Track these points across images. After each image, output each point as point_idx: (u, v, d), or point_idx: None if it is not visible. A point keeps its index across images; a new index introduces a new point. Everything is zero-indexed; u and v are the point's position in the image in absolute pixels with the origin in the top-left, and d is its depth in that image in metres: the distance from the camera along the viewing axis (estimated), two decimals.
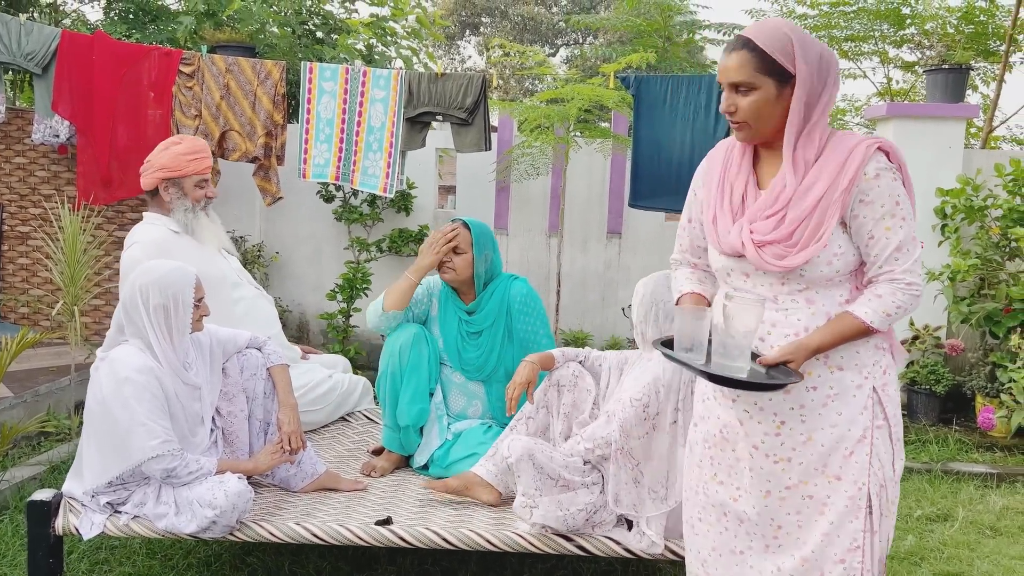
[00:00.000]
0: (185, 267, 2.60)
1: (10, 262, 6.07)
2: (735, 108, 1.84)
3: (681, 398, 2.47)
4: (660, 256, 5.85)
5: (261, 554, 3.19)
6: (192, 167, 3.35)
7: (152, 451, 2.40)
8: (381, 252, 5.68)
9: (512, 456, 2.44)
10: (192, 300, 2.56)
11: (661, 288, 2.61)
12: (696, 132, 4.60)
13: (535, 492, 2.41)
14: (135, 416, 2.41)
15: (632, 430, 2.44)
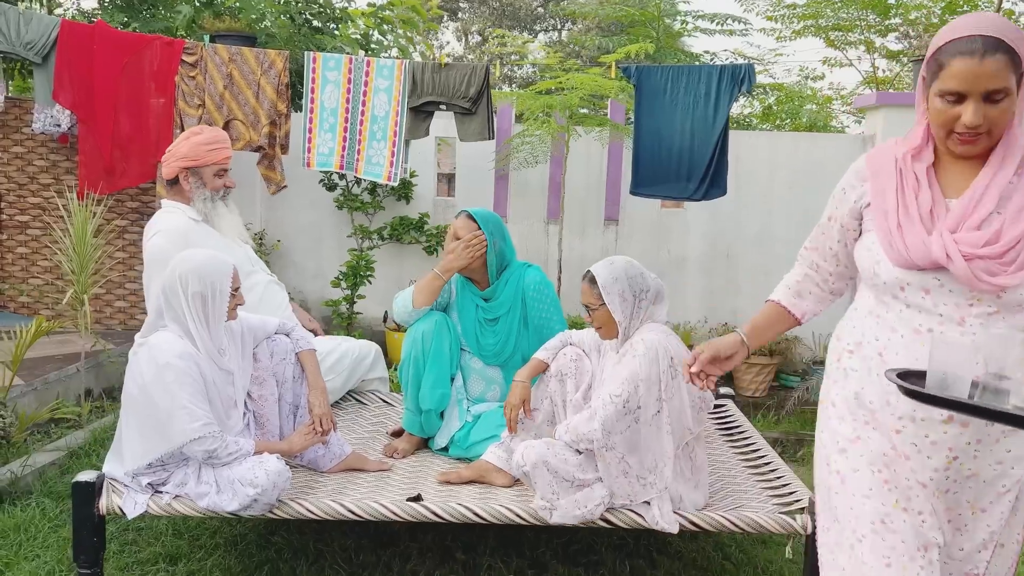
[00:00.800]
0: (224, 257, 2.68)
1: (9, 251, 6.07)
2: (982, 119, 1.63)
3: (663, 388, 2.55)
4: (656, 243, 5.98)
5: (286, 533, 3.29)
6: (211, 156, 3.41)
7: (194, 433, 2.49)
8: (383, 240, 5.76)
9: (527, 464, 2.53)
10: (229, 289, 2.64)
11: (635, 279, 2.66)
12: (696, 121, 4.72)
13: (552, 496, 2.52)
14: (177, 400, 2.49)
15: (614, 426, 2.51)
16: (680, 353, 2.61)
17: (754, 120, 8.04)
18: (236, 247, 3.54)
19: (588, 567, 3.11)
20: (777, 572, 3.13)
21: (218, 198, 3.49)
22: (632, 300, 2.65)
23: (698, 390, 2.61)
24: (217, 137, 3.46)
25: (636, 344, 2.59)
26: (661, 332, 2.63)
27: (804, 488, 2.74)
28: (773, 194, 5.92)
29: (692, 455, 2.65)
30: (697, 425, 2.65)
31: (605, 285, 2.64)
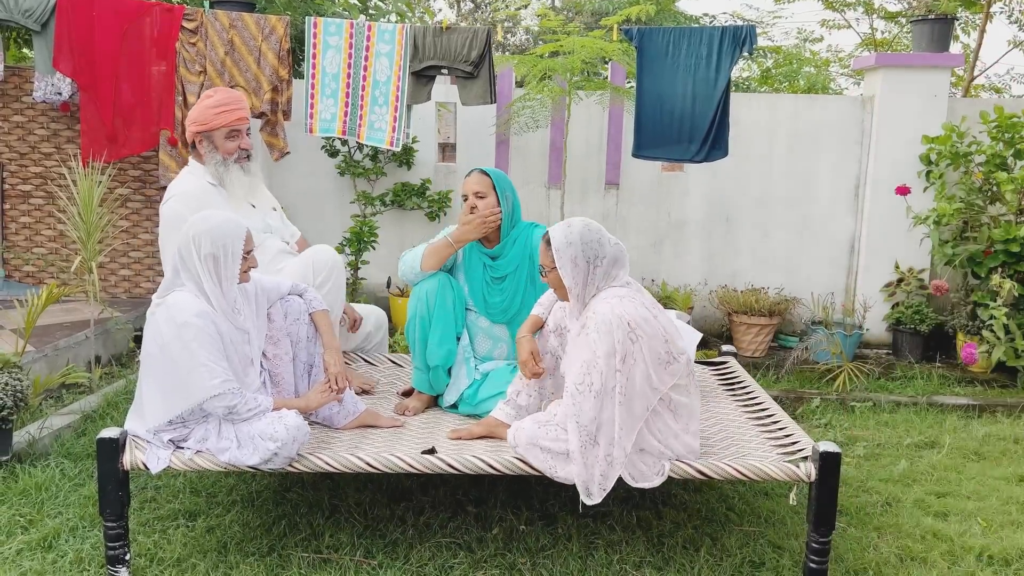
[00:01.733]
0: (238, 219, 2.73)
1: (12, 221, 6.10)
2: None
3: (620, 359, 2.53)
4: (656, 207, 6.03)
5: (301, 489, 3.38)
6: (220, 120, 3.39)
7: (215, 389, 2.55)
8: (385, 206, 5.79)
9: (519, 446, 2.60)
10: (241, 251, 2.69)
11: (591, 245, 2.63)
12: (698, 83, 4.74)
13: (551, 470, 2.60)
14: (196, 357, 2.55)
15: (587, 415, 2.53)
16: (636, 314, 2.58)
17: (753, 83, 8.03)
18: (252, 212, 3.53)
19: (596, 518, 3.20)
20: (780, 521, 3.23)
21: (231, 162, 3.45)
22: (585, 266, 2.64)
23: (663, 348, 2.61)
24: (226, 99, 3.43)
25: (589, 320, 2.60)
26: (614, 299, 2.61)
27: (807, 438, 2.82)
28: (773, 156, 5.96)
29: (670, 406, 2.64)
30: (664, 383, 2.61)
31: (558, 248, 2.64)
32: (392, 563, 2.82)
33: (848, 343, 5.45)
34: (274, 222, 3.65)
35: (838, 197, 5.97)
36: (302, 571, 2.76)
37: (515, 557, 2.88)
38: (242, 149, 3.45)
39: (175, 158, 5.36)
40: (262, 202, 3.65)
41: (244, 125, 3.45)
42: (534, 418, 2.71)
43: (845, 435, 4.33)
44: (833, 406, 4.76)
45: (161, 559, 2.82)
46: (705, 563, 2.87)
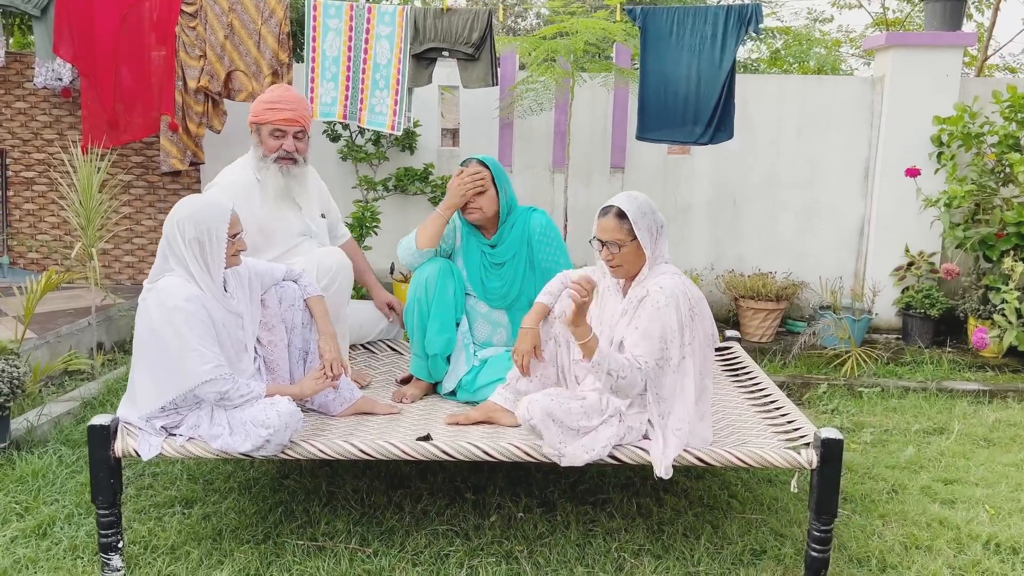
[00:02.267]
0: (222, 202, 2.68)
1: (16, 208, 6.09)
2: None
3: (685, 335, 2.56)
4: (662, 189, 5.95)
5: (299, 476, 3.36)
6: (268, 116, 3.28)
7: (206, 375, 2.52)
8: (388, 191, 5.75)
9: (533, 417, 2.55)
10: (225, 235, 2.64)
11: (655, 212, 2.67)
12: (703, 63, 4.65)
13: (560, 444, 2.55)
14: (187, 342, 2.52)
15: (664, 391, 2.55)
16: (694, 293, 2.64)
17: (761, 65, 7.92)
18: (287, 213, 3.37)
19: (596, 505, 3.16)
20: (783, 509, 3.18)
21: (271, 161, 3.31)
22: (655, 234, 2.66)
23: (711, 329, 2.65)
24: (279, 98, 3.30)
25: (654, 293, 2.57)
26: (674, 275, 2.64)
27: (810, 425, 2.76)
28: (780, 138, 5.86)
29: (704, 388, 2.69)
30: (708, 365, 2.68)
31: (636, 219, 2.62)
32: (387, 551, 2.79)
33: (856, 328, 5.38)
34: (317, 227, 3.50)
35: (847, 180, 5.88)
36: (296, 558, 2.73)
37: (512, 545, 2.85)
38: (284, 150, 3.31)
39: (176, 143, 5.32)
40: (309, 206, 3.48)
41: (292, 127, 3.31)
42: (547, 393, 2.67)
43: (852, 421, 4.26)
44: (841, 391, 4.69)
45: (155, 547, 2.80)
46: (705, 551, 2.83)
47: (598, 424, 2.58)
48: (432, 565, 2.71)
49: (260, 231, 3.29)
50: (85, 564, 2.69)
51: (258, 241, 3.27)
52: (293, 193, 3.40)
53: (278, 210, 3.36)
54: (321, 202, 3.63)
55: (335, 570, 2.67)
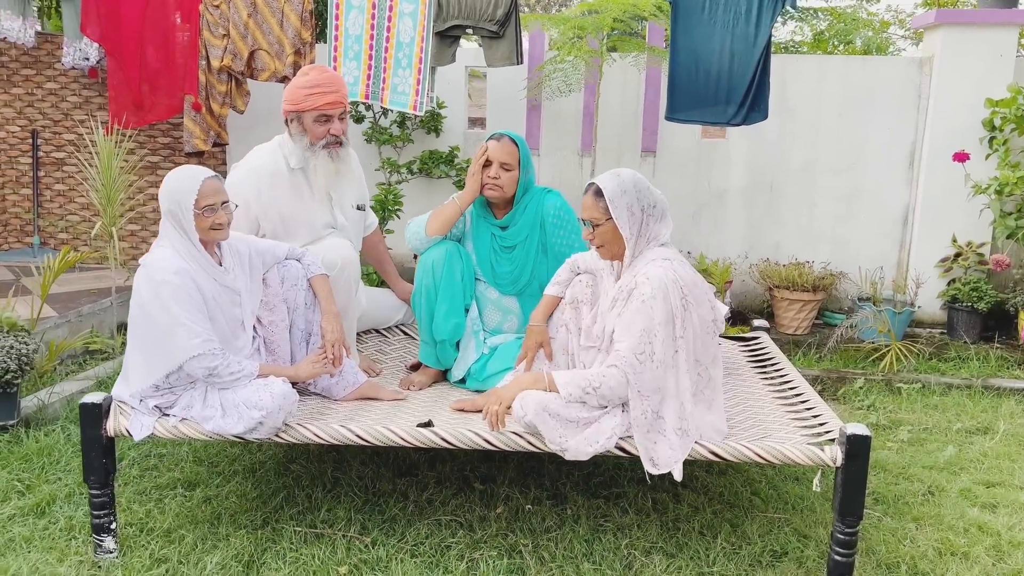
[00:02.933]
0: (194, 174, 2.55)
1: (47, 188, 6.13)
2: None
3: (678, 326, 2.39)
4: (696, 174, 5.74)
5: (304, 461, 3.27)
6: (310, 102, 3.05)
7: (194, 350, 2.43)
8: (412, 174, 5.64)
9: (528, 414, 2.38)
10: (191, 206, 2.52)
11: (643, 192, 2.48)
12: (736, 40, 4.44)
13: (561, 439, 2.40)
14: (175, 317, 2.44)
15: (648, 385, 2.37)
16: (688, 278, 2.46)
17: (804, 48, 7.62)
18: (319, 206, 3.21)
19: (609, 499, 3.02)
20: (809, 509, 3.01)
21: (319, 148, 3.11)
22: (640, 215, 2.49)
23: (710, 315, 2.47)
24: (319, 80, 3.08)
25: (641, 284, 2.41)
26: (664, 261, 2.46)
27: (837, 420, 2.58)
28: (821, 122, 5.61)
29: (708, 378, 2.52)
30: (707, 354, 2.50)
31: (613, 198, 2.47)
32: (386, 540, 2.68)
33: (897, 321, 5.12)
34: (345, 220, 3.32)
35: (891, 165, 5.60)
36: (292, 545, 2.64)
37: (517, 538, 2.72)
38: (332, 135, 3.11)
39: (199, 124, 5.28)
40: (343, 196, 3.30)
41: (337, 110, 3.11)
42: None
43: (889, 418, 4.05)
44: (878, 387, 4.47)
45: (151, 529, 2.73)
46: (721, 551, 2.67)
47: (600, 415, 2.43)
48: (431, 556, 2.60)
49: (282, 221, 3.15)
50: (79, 544, 2.63)
51: (279, 230, 3.14)
52: (342, 177, 3.21)
53: (310, 203, 3.19)
54: (359, 190, 3.45)
55: (331, 558, 2.57)
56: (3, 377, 3.24)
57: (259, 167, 3.14)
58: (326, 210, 3.24)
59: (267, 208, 3.11)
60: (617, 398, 2.39)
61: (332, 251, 3.06)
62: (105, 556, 2.53)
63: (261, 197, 3.09)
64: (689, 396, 2.41)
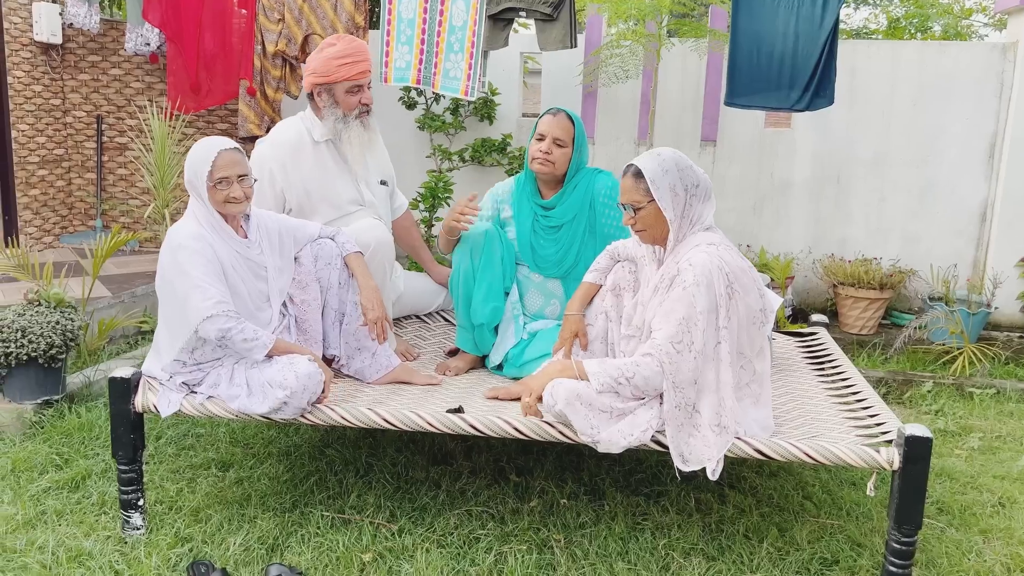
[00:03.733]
0: (210, 145, 2.51)
1: (110, 172, 6.25)
2: None
3: (721, 316, 2.23)
4: (758, 165, 5.52)
5: (339, 446, 3.22)
6: (343, 72, 3.01)
7: (207, 311, 2.38)
8: (464, 162, 5.56)
9: (558, 402, 2.25)
10: (205, 179, 2.48)
11: (685, 171, 2.34)
12: (801, 21, 4.21)
13: (592, 430, 2.25)
14: (190, 279, 2.41)
15: (684, 377, 2.22)
16: (735, 265, 2.29)
17: (878, 36, 7.27)
18: (347, 182, 3.16)
19: (650, 497, 2.88)
20: (865, 515, 2.81)
21: (353, 119, 3.09)
22: (683, 196, 2.33)
23: (758, 305, 2.29)
24: (350, 50, 3.03)
25: (684, 271, 2.27)
26: (708, 246, 2.30)
27: (896, 420, 2.39)
28: (893, 111, 5.32)
29: (752, 371, 2.35)
30: (753, 347, 2.33)
31: (654, 178, 2.32)
32: (414, 528, 2.60)
33: (972, 322, 4.82)
34: (372, 196, 3.26)
35: (969, 158, 5.27)
36: (319, 529, 2.58)
37: (549, 533, 2.61)
38: (363, 104, 3.09)
39: (254, 108, 5.30)
40: (368, 171, 3.25)
41: (367, 79, 3.10)
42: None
43: (959, 424, 3.79)
44: (948, 391, 4.20)
45: (180, 507, 2.71)
46: (767, 556, 2.51)
47: (635, 406, 2.28)
48: (458, 548, 2.50)
49: (307, 194, 3.10)
50: (108, 520, 2.62)
51: (304, 205, 3.10)
52: (374, 147, 3.19)
53: (339, 177, 3.14)
54: (383, 164, 3.41)
55: (356, 545, 2.50)
56: (48, 352, 3.28)
57: (282, 141, 3.10)
58: (351, 185, 3.18)
59: (292, 182, 3.06)
60: (652, 389, 2.25)
61: (365, 232, 2.99)
62: (132, 532, 2.51)
63: (286, 170, 3.05)
64: (730, 391, 2.25)
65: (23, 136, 5.70)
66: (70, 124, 6.15)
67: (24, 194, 5.74)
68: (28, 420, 3.30)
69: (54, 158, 6.03)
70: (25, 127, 5.72)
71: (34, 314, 3.35)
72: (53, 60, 5.93)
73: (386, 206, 3.41)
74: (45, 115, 5.91)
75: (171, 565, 2.36)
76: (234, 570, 2.35)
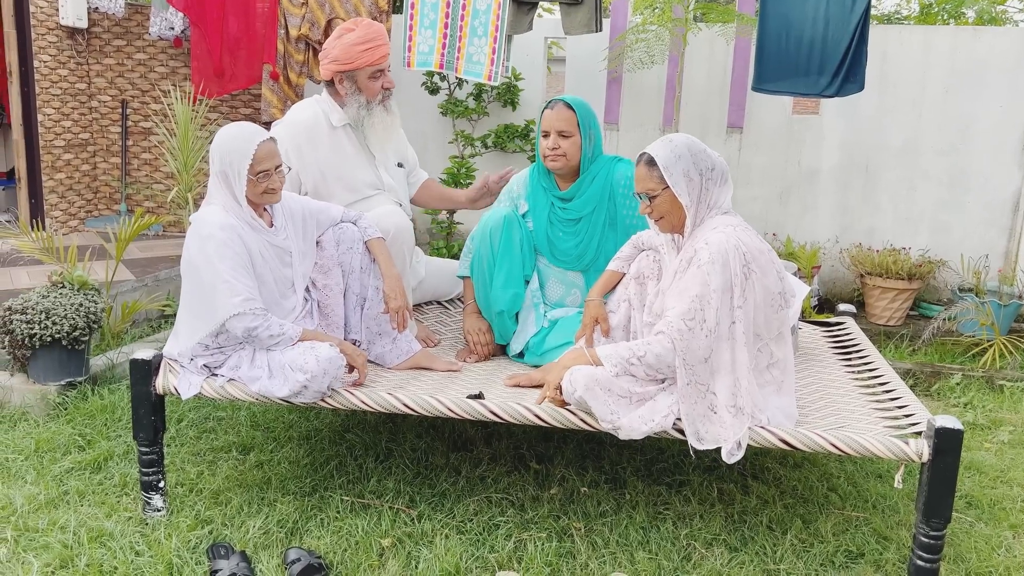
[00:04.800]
0: (249, 136, 2.46)
1: (135, 157, 6.29)
2: None
3: (736, 296, 2.19)
4: (785, 152, 5.43)
5: (359, 431, 3.21)
6: (365, 58, 2.98)
7: (234, 308, 2.37)
8: (486, 148, 5.53)
9: (577, 388, 2.22)
10: (246, 172, 2.45)
11: (699, 155, 2.29)
12: (832, 5, 4.12)
13: (612, 416, 2.23)
14: (218, 273, 2.39)
15: (695, 355, 2.19)
16: (753, 246, 2.24)
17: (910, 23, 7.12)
18: (367, 167, 3.14)
19: (671, 487, 2.84)
20: (892, 508, 2.76)
21: (376, 104, 3.06)
22: (698, 180, 2.29)
23: (776, 288, 2.25)
24: (370, 34, 2.99)
25: (700, 250, 2.23)
26: (726, 227, 2.26)
27: (925, 412, 2.34)
28: (924, 98, 5.21)
29: (770, 355, 2.30)
30: (770, 330, 2.28)
31: (667, 164, 2.29)
32: (433, 514, 2.59)
33: (1003, 314, 4.72)
34: (391, 179, 3.23)
35: (1002, 146, 5.15)
36: (338, 513, 2.58)
37: (569, 521, 2.58)
38: (385, 88, 3.07)
39: (277, 93, 5.30)
40: (386, 155, 3.22)
41: (386, 62, 3.07)
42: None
43: (988, 417, 3.71)
44: (978, 384, 4.11)
45: (200, 490, 2.72)
46: (790, 547, 2.46)
47: (655, 391, 2.25)
48: (478, 534, 2.49)
49: (324, 178, 3.08)
50: (130, 501, 2.63)
51: (320, 187, 3.08)
52: (396, 130, 3.18)
53: (359, 163, 3.12)
54: (400, 146, 3.40)
55: (375, 529, 2.49)
56: (71, 334, 3.29)
57: (298, 123, 3.08)
58: (369, 169, 3.15)
59: (307, 164, 3.04)
60: (666, 366, 2.21)
61: (385, 218, 2.97)
62: (153, 514, 2.52)
63: (301, 152, 3.03)
64: (746, 372, 2.21)
65: (49, 120, 5.74)
66: (95, 108, 6.18)
67: (50, 178, 5.79)
68: (52, 401, 3.32)
69: (79, 142, 6.08)
70: (51, 111, 5.76)
71: (58, 296, 3.37)
72: (79, 44, 5.96)
73: (404, 189, 3.39)
74: (71, 99, 5.95)
75: (191, 547, 2.37)
76: (253, 553, 2.35)
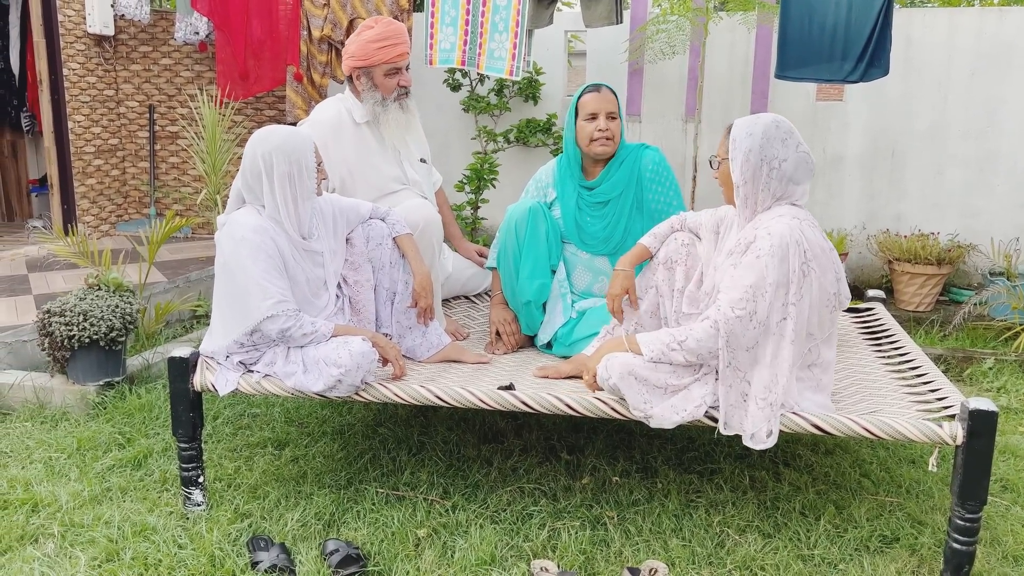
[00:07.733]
0: (302, 130, 2.55)
1: (163, 161, 6.38)
2: None
3: (791, 292, 2.17)
4: (810, 139, 5.40)
5: (392, 425, 3.25)
6: (381, 55, 3.03)
7: (267, 311, 2.42)
8: (508, 143, 5.55)
9: (612, 376, 2.23)
10: (314, 164, 2.54)
11: (773, 142, 2.24)
12: None
13: (645, 405, 2.24)
14: (251, 276, 2.43)
15: (739, 342, 2.19)
16: (815, 243, 2.22)
17: (934, 5, 7.04)
18: (388, 163, 3.17)
19: (703, 475, 2.85)
20: (926, 493, 2.75)
21: (391, 101, 3.11)
22: (758, 164, 2.25)
23: (833, 288, 2.25)
24: (387, 32, 3.04)
25: (760, 238, 2.21)
26: (792, 219, 2.22)
27: (958, 394, 2.33)
28: (950, 81, 5.15)
29: (817, 354, 2.30)
30: (823, 330, 2.28)
31: (736, 136, 2.28)
32: (467, 505, 2.62)
33: None
34: (415, 175, 3.27)
35: None
36: (374, 505, 2.62)
37: (602, 510, 2.60)
38: (401, 87, 3.11)
39: (301, 94, 5.35)
40: (409, 150, 3.25)
41: (405, 61, 3.12)
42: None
43: (1022, 402, 3.68)
44: (1011, 368, 4.07)
45: (238, 484, 2.77)
46: (824, 533, 2.47)
47: (690, 382, 2.26)
48: (512, 524, 2.51)
49: (350, 174, 3.13)
50: (170, 496, 2.69)
51: (347, 184, 3.12)
52: (412, 129, 3.21)
53: (380, 160, 3.16)
54: (421, 142, 3.43)
55: (410, 520, 2.52)
56: (108, 335, 3.36)
57: (323, 121, 3.13)
58: (394, 164, 3.19)
59: (333, 161, 3.09)
60: (706, 351, 2.21)
61: (413, 211, 3.00)
62: (193, 508, 2.58)
63: (327, 150, 3.07)
64: (786, 370, 2.19)
65: (79, 127, 5.84)
66: (123, 114, 6.29)
67: (81, 183, 5.90)
68: (91, 401, 3.39)
69: (109, 148, 6.18)
70: (81, 118, 5.86)
71: (95, 298, 3.44)
72: (106, 52, 6.06)
73: (428, 183, 3.42)
74: (99, 106, 6.05)
75: (232, 540, 2.42)
76: (292, 545, 2.39)
